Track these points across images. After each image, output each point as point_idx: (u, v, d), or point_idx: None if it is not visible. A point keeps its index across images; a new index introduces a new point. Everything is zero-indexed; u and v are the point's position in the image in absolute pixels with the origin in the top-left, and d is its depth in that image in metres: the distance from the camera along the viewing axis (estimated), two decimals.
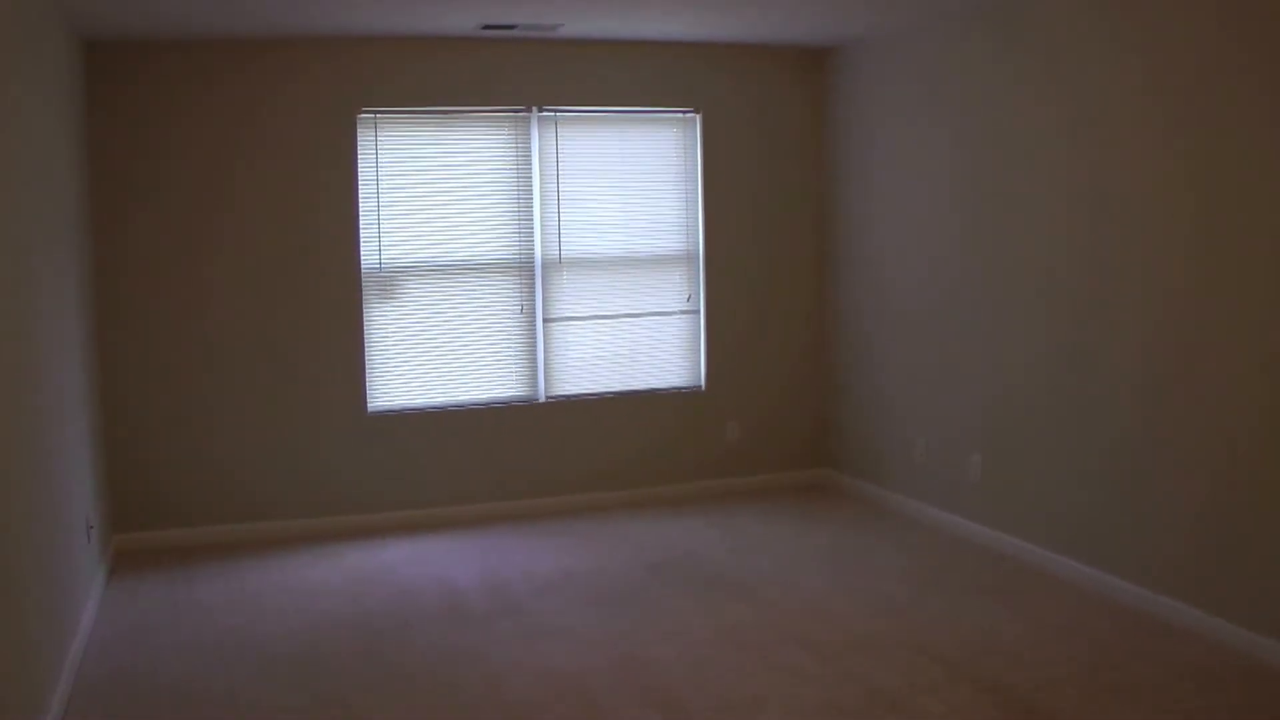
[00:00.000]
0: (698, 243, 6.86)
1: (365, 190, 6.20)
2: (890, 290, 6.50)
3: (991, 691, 4.08)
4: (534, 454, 6.61)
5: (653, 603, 5.07)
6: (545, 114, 6.45)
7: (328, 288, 6.19)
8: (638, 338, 6.82)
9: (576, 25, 5.89)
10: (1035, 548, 5.46)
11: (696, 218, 6.84)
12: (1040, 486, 5.43)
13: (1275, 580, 4.24)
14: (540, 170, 6.47)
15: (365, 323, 6.25)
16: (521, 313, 6.50)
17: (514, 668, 4.38)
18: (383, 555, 5.87)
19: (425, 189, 6.30)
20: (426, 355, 6.40)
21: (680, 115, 6.78)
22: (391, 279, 6.28)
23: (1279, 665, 4.17)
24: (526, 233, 6.48)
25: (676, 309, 6.87)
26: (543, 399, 6.61)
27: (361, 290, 6.23)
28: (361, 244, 6.21)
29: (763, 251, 7.01)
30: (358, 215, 6.19)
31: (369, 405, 6.31)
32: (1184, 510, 4.64)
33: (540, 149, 6.46)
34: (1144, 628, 4.63)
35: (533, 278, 6.51)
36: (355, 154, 6.17)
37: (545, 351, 6.58)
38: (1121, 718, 3.86)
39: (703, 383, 6.95)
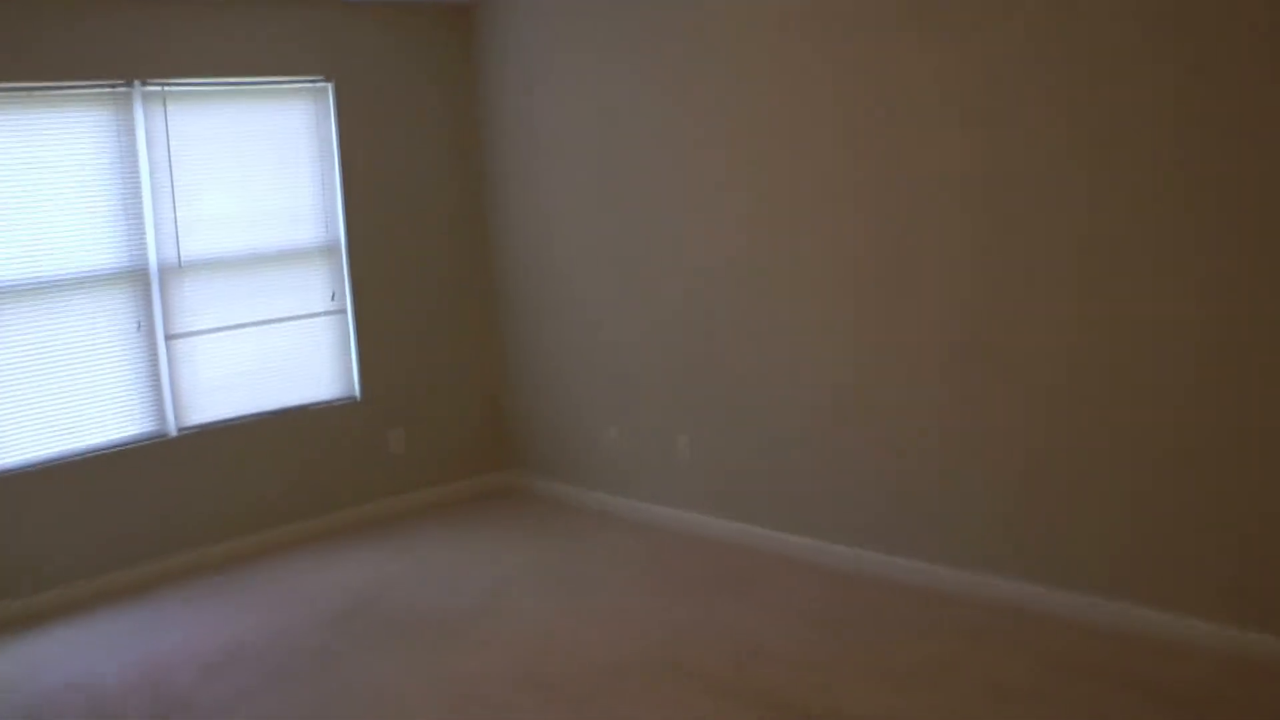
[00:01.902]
0: (339, 232, 5.99)
1: None
2: (562, 268, 5.98)
3: (770, 706, 3.71)
4: (174, 500, 5.50)
5: (350, 667, 4.28)
6: (151, 89, 5.31)
7: None
8: (280, 346, 5.86)
9: None
10: (761, 530, 5.21)
11: (336, 203, 5.97)
12: (758, 463, 5.18)
13: (966, 518, 4.21)
14: (149, 157, 5.32)
15: None
16: (139, 331, 5.36)
17: None
18: (7, 662, 4.59)
19: (7, 189, 4.97)
20: (26, 400, 5.07)
21: (310, 85, 5.86)
22: None
23: (1041, 609, 4.13)
24: (138, 235, 5.31)
25: (321, 309, 5.98)
26: (175, 432, 5.50)
27: None
28: None
29: (416, 237, 6.25)
30: None
31: None
32: (892, 466, 4.50)
33: (148, 132, 5.31)
34: (895, 593, 4.49)
35: (149, 288, 5.37)
36: None
37: (172, 375, 5.48)
38: (913, 700, 3.64)
39: (358, 391, 6.11)
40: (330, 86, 5.89)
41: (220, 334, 5.63)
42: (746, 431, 5.20)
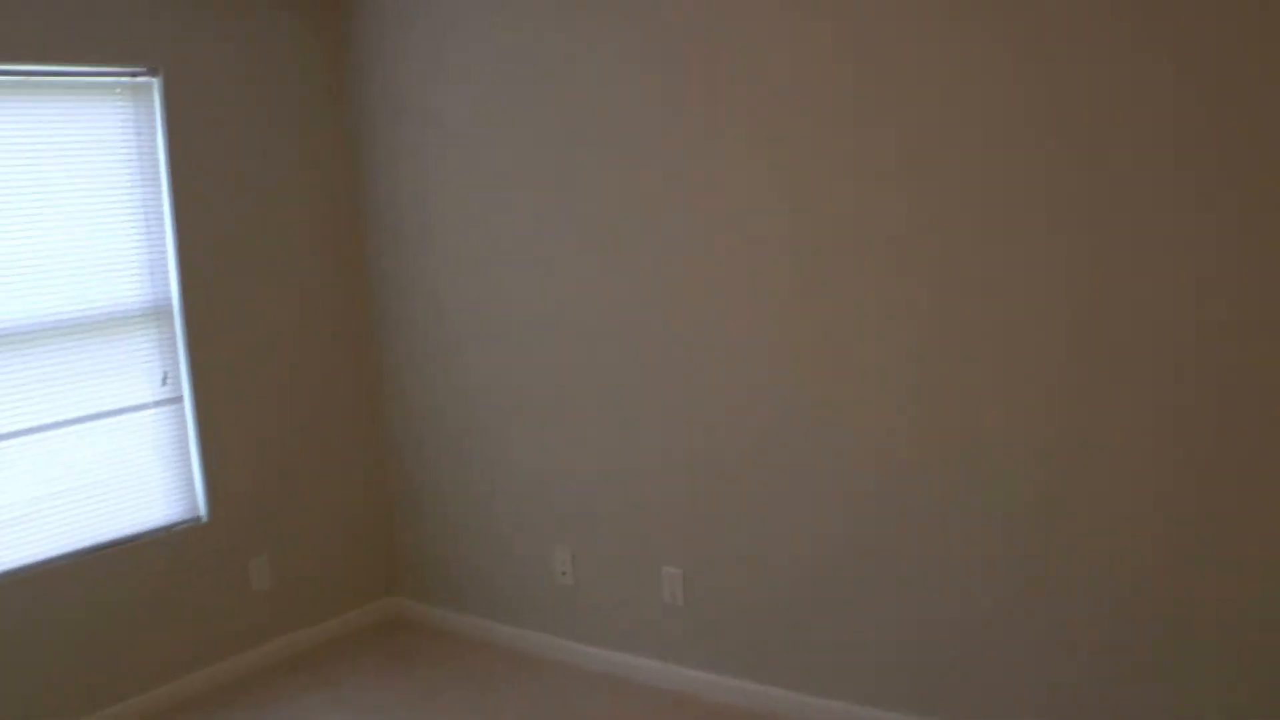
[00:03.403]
0: (171, 288, 4.27)
1: None
2: (480, 330, 4.50)
3: None
4: None
5: None
6: None
7: None
8: (93, 455, 4.07)
9: None
10: (785, 692, 3.89)
11: (166, 247, 4.25)
12: (778, 606, 3.88)
13: None
14: None
15: None
16: None
17: None
18: None
19: None
20: None
21: (130, 79, 4.11)
22: None
23: None
24: None
25: (149, 399, 4.25)
26: None
27: None
28: None
29: (276, 294, 4.60)
30: None
31: None
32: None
33: None
34: None
35: None
36: None
37: None
38: None
39: (203, 509, 4.41)
40: (157, 82, 4.16)
41: (4, 444, 3.83)
42: (761, 562, 3.88)
